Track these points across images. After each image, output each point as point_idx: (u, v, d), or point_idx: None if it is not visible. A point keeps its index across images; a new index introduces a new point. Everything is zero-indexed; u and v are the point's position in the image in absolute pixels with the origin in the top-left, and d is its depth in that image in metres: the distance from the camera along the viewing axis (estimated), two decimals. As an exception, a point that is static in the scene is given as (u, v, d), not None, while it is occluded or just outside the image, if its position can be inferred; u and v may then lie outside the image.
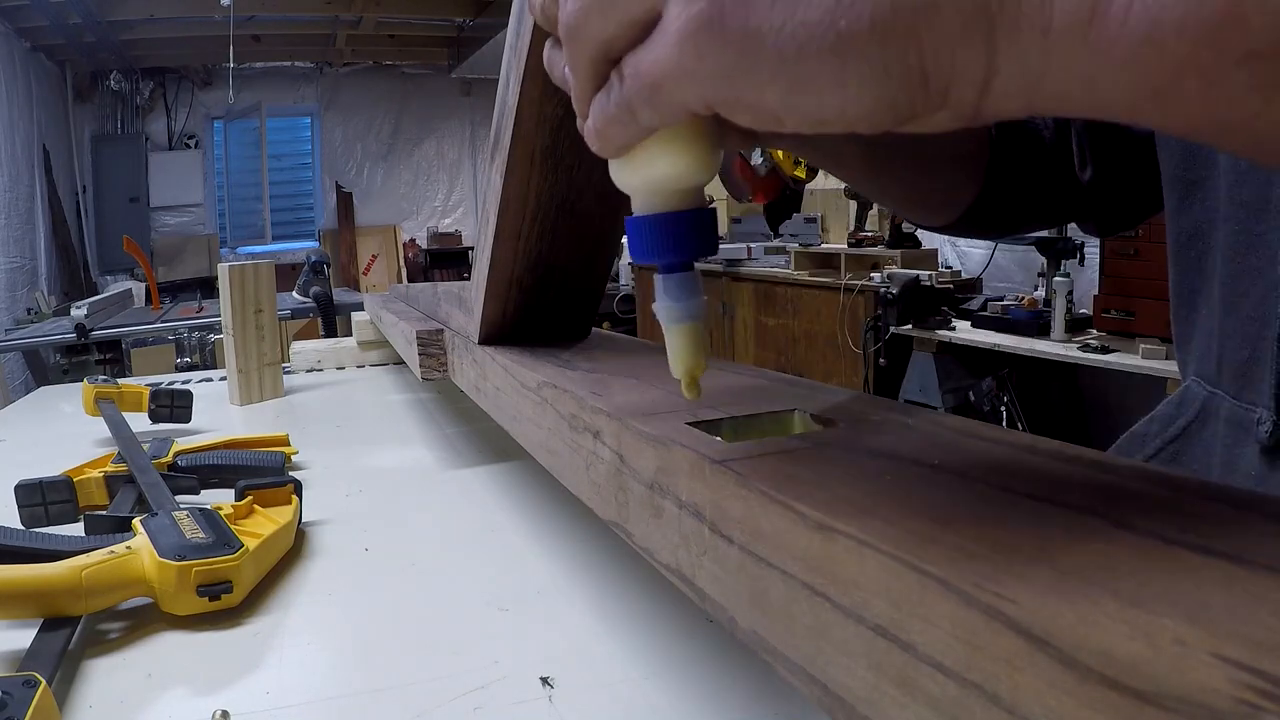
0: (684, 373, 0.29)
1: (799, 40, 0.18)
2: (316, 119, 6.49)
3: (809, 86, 0.18)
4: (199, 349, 2.75)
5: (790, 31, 0.18)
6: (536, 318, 0.58)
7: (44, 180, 4.95)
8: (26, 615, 0.43)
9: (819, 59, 0.18)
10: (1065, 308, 2.60)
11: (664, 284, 0.28)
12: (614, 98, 0.23)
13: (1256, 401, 0.40)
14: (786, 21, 0.18)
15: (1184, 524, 0.18)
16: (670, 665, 0.42)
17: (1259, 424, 0.39)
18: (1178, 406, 0.47)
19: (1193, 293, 0.45)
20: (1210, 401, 0.44)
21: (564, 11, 0.23)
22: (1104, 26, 0.15)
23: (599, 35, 0.22)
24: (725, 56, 0.19)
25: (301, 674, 0.42)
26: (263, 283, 1.08)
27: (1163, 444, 0.47)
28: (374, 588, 0.52)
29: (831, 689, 0.21)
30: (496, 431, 0.67)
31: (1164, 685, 0.13)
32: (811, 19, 0.18)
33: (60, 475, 0.65)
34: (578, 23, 0.23)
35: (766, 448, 0.27)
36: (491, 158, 0.51)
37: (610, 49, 0.22)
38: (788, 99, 0.19)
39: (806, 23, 0.18)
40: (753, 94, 0.20)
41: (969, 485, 0.22)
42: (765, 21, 0.18)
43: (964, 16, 0.16)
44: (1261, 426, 0.39)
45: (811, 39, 0.18)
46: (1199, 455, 0.45)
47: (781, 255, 3.90)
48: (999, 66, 0.17)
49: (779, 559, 0.22)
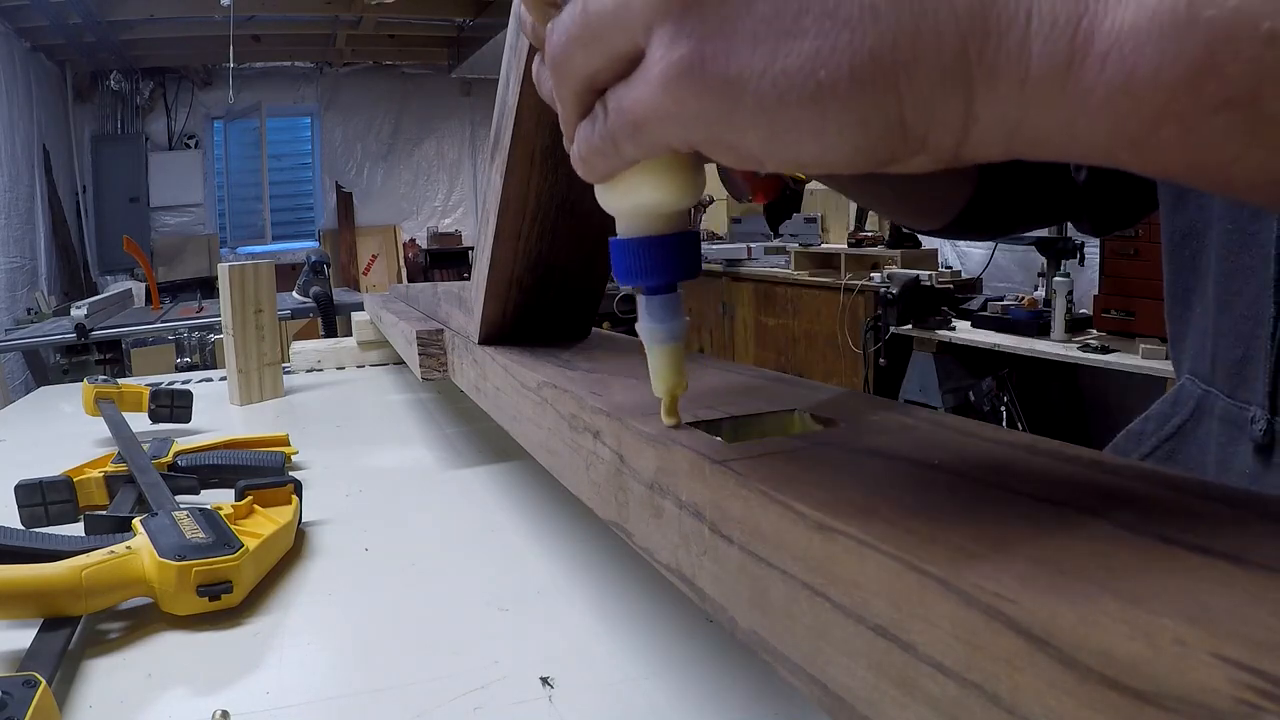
0: (665, 391, 0.30)
1: (779, 89, 0.18)
2: (316, 119, 6.48)
3: (788, 133, 0.19)
4: (199, 349, 2.75)
5: (771, 79, 0.18)
6: (536, 318, 0.58)
7: (44, 180, 4.95)
8: (26, 615, 0.43)
9: (799, 107, 0.18)
10: (1065, 308, 2.60)
11: (647, 305, 0.28)
12: (598, 129, 0.23)
13: (1250, 400, 0.40)
14: (767, 69, 0.18)
15: (1184, 524, 0.18)
16: (670, 665, 0.42)
17: (1253, 422, 0.40)
18: (1173, 405, 0.47)
19: (1187, 291, 0.45)
20: (1205, 400, 0.44)
21: (550, 43, 0.23)
22: (1080, 76, 0.15)
23: (583, 69, 0.22)
24: (706, 101, 0.19)
25: (301, 674, 0.42)
26: (263, 283, 1.08)
27: (1158, 442, 0.47)
28: (374, 588, 0.52)
29: (831, 689, 0.21)
30: (496, 431, 0.67)
31: (1164, 685, 0.13)
32: (791, 67, 0.18)
33: (60, 475, 0.65)
34: (563, 55, 0.23)
35: (766, 448, 0.27)
36: (491, 158, 0.51)
37: (594, 81, 0.23)
38: (767, 145, 0.19)
39: (786, 71, 0.18)
40: (733, 137, 0.20)
41: (969, 485, 0.22)
42: (746, 68, 0.18)
43: (942, 67, 0.16)
44: (1256, 425, 0.39)
45: (791, 88, 0.18)
46: (1194, 454, 0.45)
47: (781, 255, 3.90)
48: (977, 114, 0.17)
49: (779, 559, 0.22)
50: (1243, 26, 0.13)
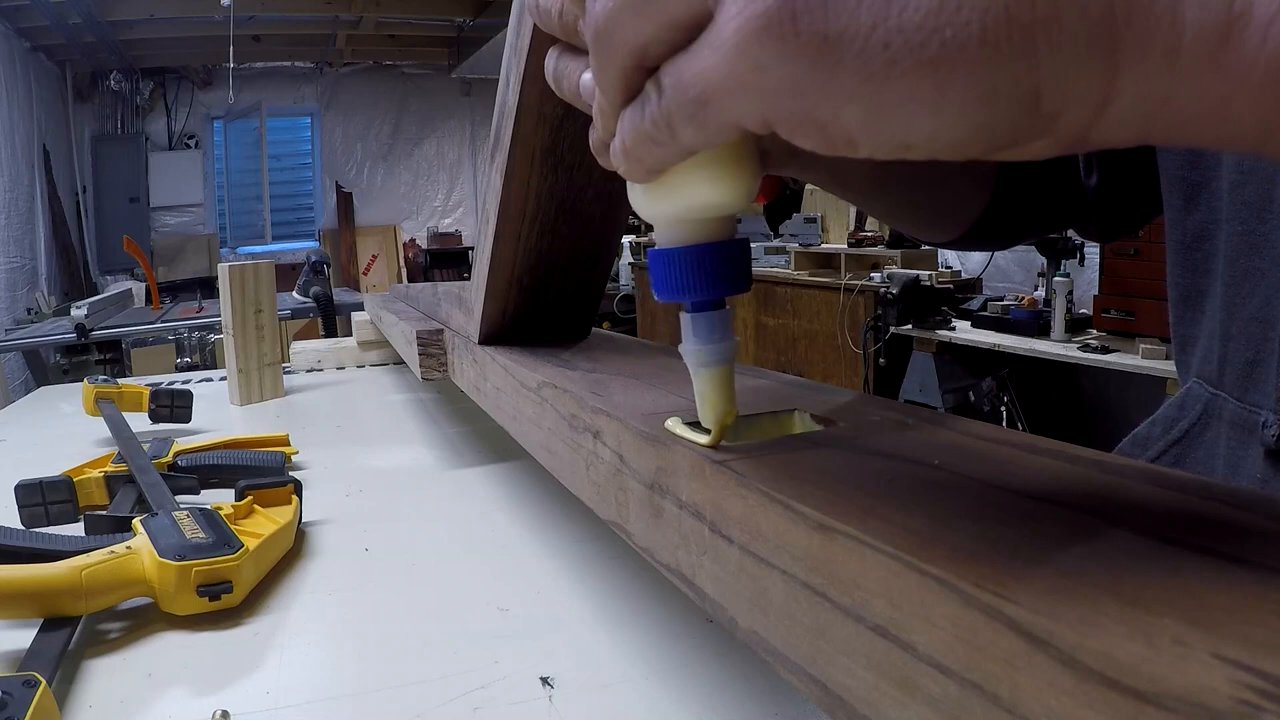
0: (714, 420, 0.26)
1: (891, 51, 0.15)
2: (316, 119, 6.49)
3: (898, 108, 0.15)
4: (199, 349, 2.75)
5: (881, 39, 0.15)
6: (536, 318, 0.58)
7: (44, 180, 4.95)
8: (26, 615, 0.43)
9: (915, 75, 0.15)
10: (1065, 308, 2.60)
11: (693, 324, 0.24)
12: (649, 112, 0.19)
13: (1261, 404, 0.40)
14: (877, 25, 0.15)
15: (1184, 524, 0.18)
16: (670, 665, 0.42)
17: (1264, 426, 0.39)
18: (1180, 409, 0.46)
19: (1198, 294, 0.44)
20: (1213, 403, 0.44)
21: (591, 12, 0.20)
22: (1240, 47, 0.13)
23: (634, 39, 0.19)
24: (794, 67, 0.16)
25: (301, 674, 0.42)
26: (263, 283, 1.08)
27: (1166, 446, 0.46)
28: (374, 588, 0.52)
29: (831, 689, 0.21)
30: (496, 431, 0.67)
31: (1164, 685, 0.13)
32: (909, 24, 0.15)
33: (60, 475, 0.65)
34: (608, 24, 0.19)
35: (766, 448, 0.27)
36: (491, 158, 0.51)
37: (646, 55, 0.19)
38: (869, 122, 0.16)
39: (903, 29, 0.15)
40: (826, 113, 0.16)
41: (969, 485, 0.22)
42: (849, 25, 0.15)
43: (1089, 30, 0.14)
44: (1267, 429, 0.39)
45: (907, 50, 0.15)
46: (1203, 458, 0.44)
47: (781, 255, 3.90)
48: (1120, 89, 0.15)
49: (779, 559, 0.22)
50: None
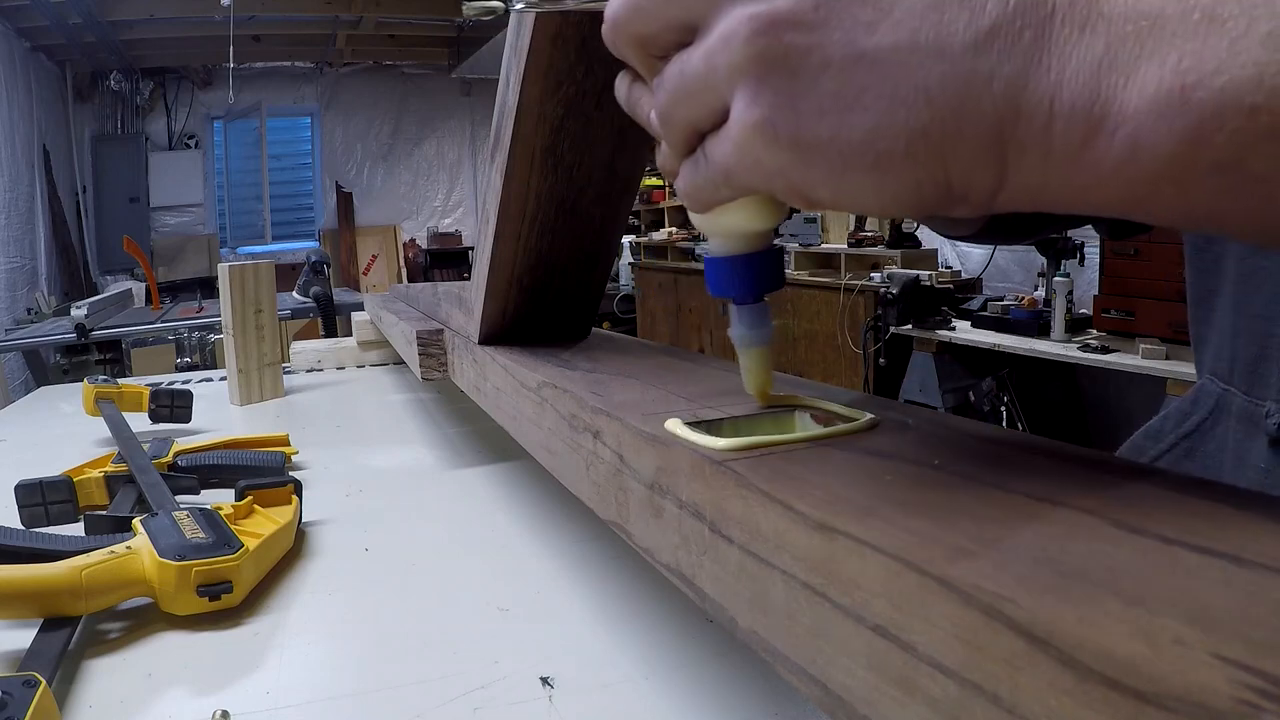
0: (756, 389, 0.33)
1: (844, 155, 0.21)
2: (316, 119, 6.49)
3: (854, 191, 0.21)
4: (199, 349, 2.75)
5: (836, 148, 0.21)
6: (536, 318, 0.58)
7: (44, 180, 4.95)
8: (26, 615, 0.43)
9: (861, 171, 0.21)
10: (1065, 308, 2.60)
11: (739, 314, 0.31)
12: (700, 171, 0.26)
13: (1265, 396, 0.42)
14: (833, 138, 0.21)
15: (1184, 524, 0.18)
16: (670, 665, 0.42)
17: (1268, 417, 0.41)
18: (1192, 403, 0.49)
19: (1210, 293, 0.47)
20: (1224, 398, 0.46)
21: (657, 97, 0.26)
22: (1094, 149, 0.18)
23: (686, 119, 0.25)
24: (780, 160, 0.22)
25: (301, 674, 0.42)
26: (263, 283, 1.08)
27: (1177, 439, 0.49)
28: (374, 588, 0.52)
29: (831, 689, 0.21)
30: (496, 431, 0.67)
31: (1164, 685, 0.13)
32: (855, 139, 0.20)
33: (60, 475, 0.64)
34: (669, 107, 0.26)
35: (766, 448, 0.27)
36: (491, 158, 0.51)
37: (697, 128, 0.25)
38: (836, 197, 0.22)
39: (850, 142, 0.20)
40: (806, 190, 0.22)
41: (969, 485, 0.22)
42: (813, 135, 0.21)
43: (982, 143, 0.19)
44: (1270, 420, 0.41)
45: (854, 155, 0.21)
46: (1212, 451, 0.46)
47: (781, 255, 3.89)
48: (1008, 179, 0.20)
49: (779, 559, 0.22)
50: (1228, 104, 0.16)
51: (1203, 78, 0.16)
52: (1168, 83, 0.17)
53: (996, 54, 0.19)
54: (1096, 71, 0.18)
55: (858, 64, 0.20)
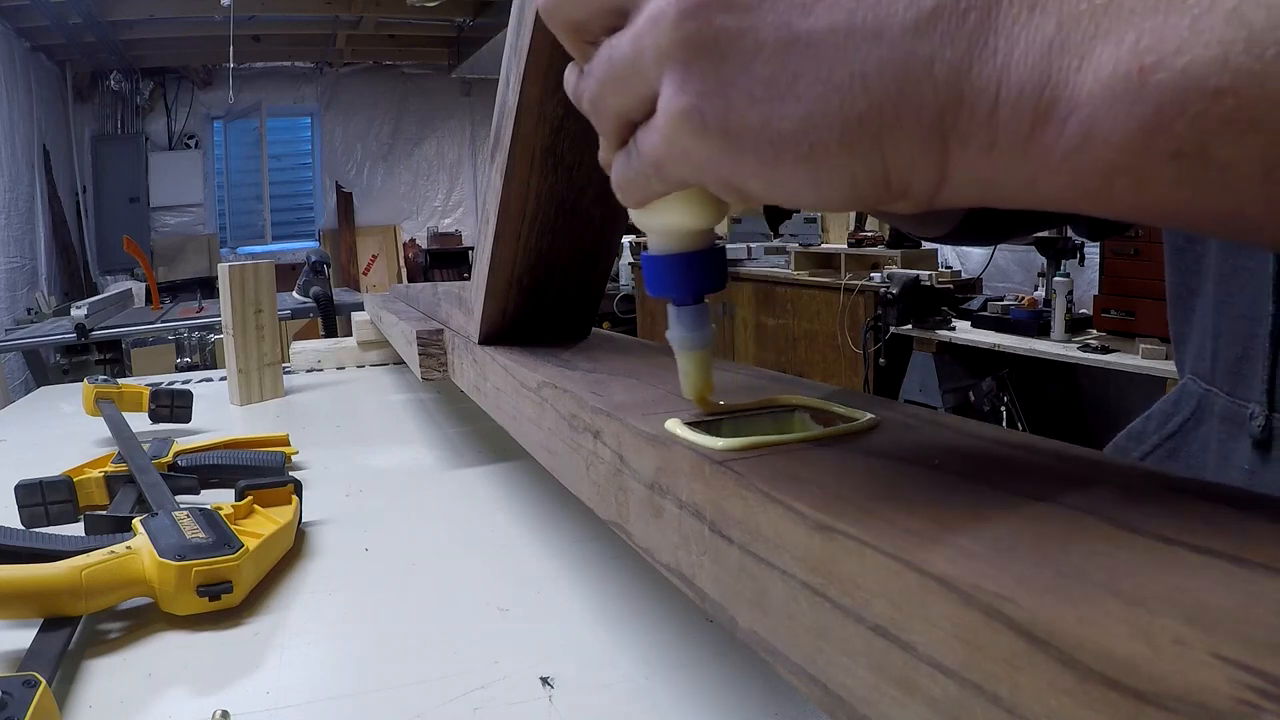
0: (695, 394, 0.32)
1: (775, 146, 0.20)
2: (316, 119, 6.48)
3: (787, 184, 0.20)
4: (199, 349, 2.75)
5: (768, 137, 0.20)
6: (536, 318, 0.58)
7: (44, 180, 4.95)
8: (26, 615, 0.43)
9: (793, 163, 0.20)
10: (1065, 308, 2.60)
11: (677, 315, 0.30)
12: (632, 164, 0.25)
13: (1249, 397, 0.41)
14: (764, 128, 0.20)
15: (1184, 524, 0.18)
16: (670, 665, 0.42)
17: (1251, 419, 0.41)
18: (1175, 404, 0.48)
19: (1190, 293, 0.46)
20: (1206, 399, 0.45)
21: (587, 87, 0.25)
22: (1042, 139, 0.17)
23: (615, 108, 0.24)
24: (709, 151, 0.21)
25: (301, 674, 0.42)
26: (263, 283, 1.08)
27: (1160, 440, 0.48)
28: (374, 588, 0.52)
29: (831, 689, 0.21)
30: (496, 431, 0.67)
31: (1164, 685, 0.13)
32: (786, 129, 0.19)
33: (60, 475, 0.64)
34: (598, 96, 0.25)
35: (766, 448, 0.27)
36: (491, 158, 0.51)
37: (628, 117, 0.24)
38: (768, 190, 0.21)
39: (782, 131, 0.19)
40: (737, 182, 0.21)
41: (969, 485, 0.22)
42: (743, 124, 0.20)
43: (921, 132, 0.18)
44: (1254, 421, 0.41)
45: (786, 146, 0.19)
46: (1195, 451, 0.46)
47: (781, 255, 3.90)
48: (950, 173, 0.19)
49: (779, 559, 0.22)
50: (1190, 86, 0.15)
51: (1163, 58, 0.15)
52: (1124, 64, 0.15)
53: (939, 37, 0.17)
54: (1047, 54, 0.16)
55: (791, 48, 0.19)
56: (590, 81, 0.25)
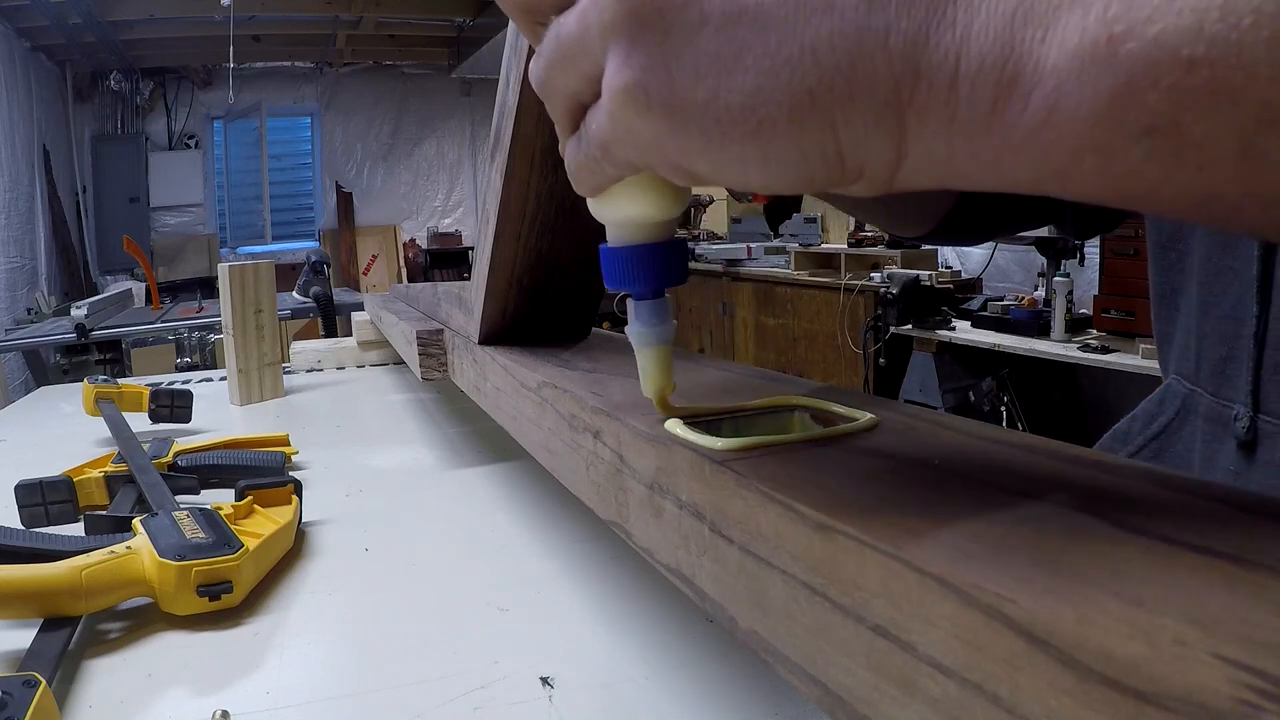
0: (654, 392, 0.31)
1: (722, 123, 0.19)
2: (316, 119, 6.48)
3: (734, 162, 0.20)
4: (199, 349, 2.75)
5: (714, 113, 0.19)
6: (536, 318, 0.58)
7: (44, 180, 4.94)
8: (26, 615, 0.43)
9: (741, 140, 0.19)
10: (1065, 308, 2.60)
11: (636, 310, 0.29)
12: (582, 148, 0.24)
13: (1234, 398, 0.41)
14: (710, 103, 0.19)
15: (1184, 524, 0.18)
16: (670, 665, 0.42)
17: (1236, 420, 0.41)
18: (1159, 404, 0.48)
19: (1174, 293, 0.46)
20: (1190, 399, 0.45)
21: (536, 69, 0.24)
22: (1005, 114, 0.16)
23: (564, 89, 0.23)
24: (654, 129, 0.20)
25: (301, 674, 0.42)
26: (263, 283, 1.08)
27: (1145, 441, 0.48)
28: (374, 587, 0.52)
29: (831, 689, 0.21)
30: (496, 431, 0.67)
31: (1164, 685, 0.13)
32: (733, 103, 0.19)
33: (60, 475, 0.65)
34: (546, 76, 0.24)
35: (766, 448, 0.27)
36: (491, 158, 0.51)
37: (579, 99, 0.23)
38: (716, 171, 0.20)
39: (729, 106, 0.19)
40: (683, 162, 0.21)
41: (969, 485, 0.22)
42: (688, 100, 0.19)
43: (876, 107, 0.17)
44: (1239, 423, 0.40)
45: (733, 122, 0.19)
46: (1180, 452, 0.46)
47: (781, 255, 3.90)
48: (908, 150, 0.18)
49: (779, 559, 0.22)
50: (1163, 56, 0.14)
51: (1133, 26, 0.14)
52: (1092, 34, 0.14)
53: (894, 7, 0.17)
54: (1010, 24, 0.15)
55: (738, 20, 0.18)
56: (540, 63, 0.24)
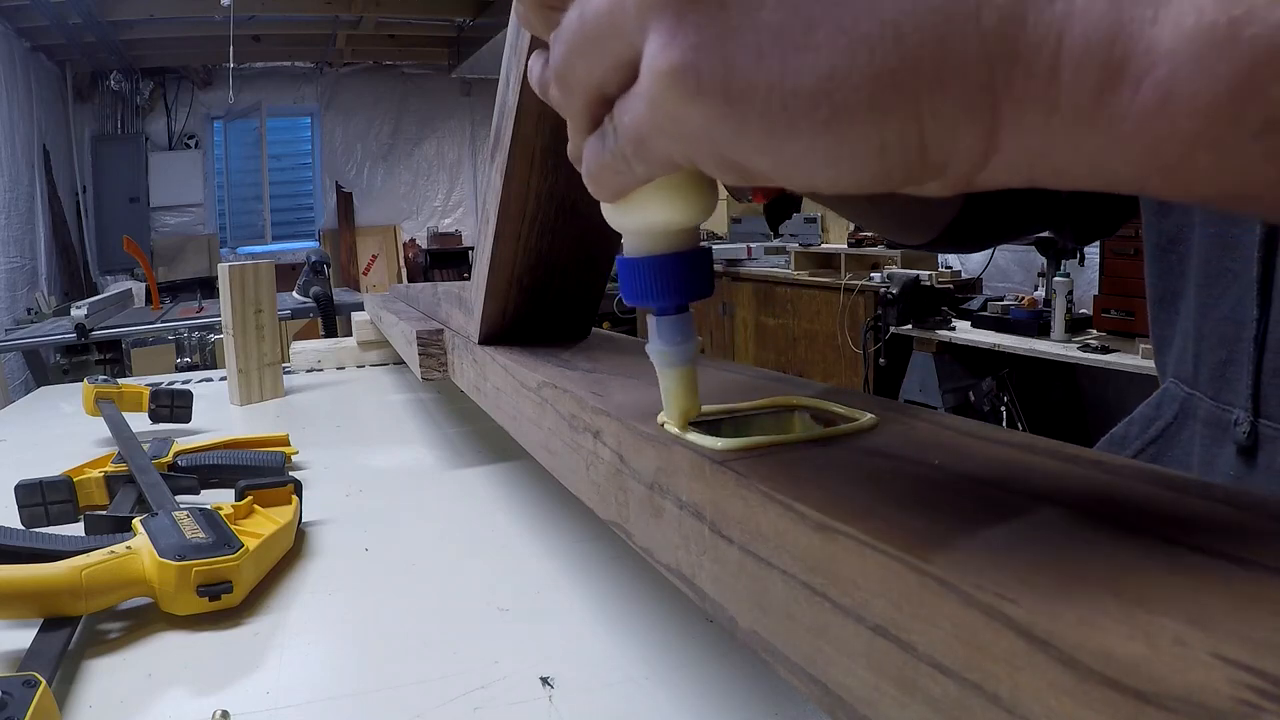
0: (678, 415, 0.28)
1: (789, 110, 0.16)
2: (316, 119, 6.48)
3: (800, 157, 0.17)
4: (199, 349, 2.75)
5: (779, 99, 0.16)
6: (536, 318, 0.58)
7: (44, 180, 4.94)
8: (26, 615, 0.43)
9: (810, 131, 0.16)
10: (1065, 308, 2.61)
11: (658, 327, 0.27)
12: (608, 145, 0.21)
13: (1234, 403, 0.40)
14: (774, 87, 0.16)
15: (1184, 524, 0.18)
16: (670, 665, 0.42)
17: (1236, 425, 0.40)
18: (1156, 408, 0.47)
19: (1172, 295, 0.45)
20: (1188, 403, 0.44)
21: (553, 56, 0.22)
22: (1112, 103, 0.14)
23: (587, 79, 0.21)
24: (704, 118, 0.18)
25: (301, 674, 0.42)
26: (263, 283, 1.08)
27: (1142, 445, 0.47)
28: (374, 588, 0.52)
29: (831, 689, 0.21)
30: (496, 431, 0.67)
31: (1164, 685, 0.13)
32: (802, 88, 0.16)
33: (60, 475, 0.65)
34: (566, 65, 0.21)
35: (767, 448, 0.27)
36: (491, 158, 0.51)
37: (602, 92, 0.21)
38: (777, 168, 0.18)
39: (797, 91, 0.16)
40: (739, 158, 0.18)
41: (969, 485, 0.22)
42: (749, 84, 0.17)
43: (967, 93, 0.15)
44: (1239, 427, 0.40)
45: (802, 110, 0.16)
46: (1178, 456, 0.45)
47: (781, 255, 3.90)
48: (1000, 144, 0.16)
49: (779, 559, 0.22)
50: None
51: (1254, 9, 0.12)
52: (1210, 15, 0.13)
53: None
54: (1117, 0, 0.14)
55: None
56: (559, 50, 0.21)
